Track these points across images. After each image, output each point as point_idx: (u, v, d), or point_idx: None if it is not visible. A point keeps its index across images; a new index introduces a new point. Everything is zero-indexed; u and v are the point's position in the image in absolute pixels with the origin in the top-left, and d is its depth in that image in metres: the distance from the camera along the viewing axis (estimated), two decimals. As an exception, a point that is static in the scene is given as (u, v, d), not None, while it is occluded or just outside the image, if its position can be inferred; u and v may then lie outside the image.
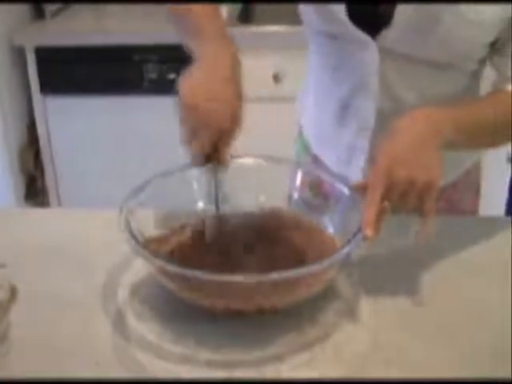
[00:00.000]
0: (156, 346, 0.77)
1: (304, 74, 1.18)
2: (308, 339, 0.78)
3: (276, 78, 2.07)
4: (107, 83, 2.16)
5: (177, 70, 2.06)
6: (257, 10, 2.37)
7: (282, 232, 0.91)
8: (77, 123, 2.22)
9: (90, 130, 2.23)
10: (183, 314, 0.81)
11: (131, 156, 2.22)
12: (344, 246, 0.78)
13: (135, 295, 0.86)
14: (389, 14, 0.92)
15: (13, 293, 0.75)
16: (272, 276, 0.72)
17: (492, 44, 0.94)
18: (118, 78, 2.15)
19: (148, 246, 0.81)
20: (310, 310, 0.81)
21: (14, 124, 2.21)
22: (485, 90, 1.00)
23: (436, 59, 0.95)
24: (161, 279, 0.80)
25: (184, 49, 0.92)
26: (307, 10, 1.02)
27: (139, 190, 0.88)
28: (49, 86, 2.17)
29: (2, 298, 0.75)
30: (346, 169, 1.09)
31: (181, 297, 0.80)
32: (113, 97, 2.17)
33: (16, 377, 0.72)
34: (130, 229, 0.80)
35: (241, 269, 0.82)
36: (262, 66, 2.03)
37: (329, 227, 0.91)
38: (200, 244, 0.89)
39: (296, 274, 0.74)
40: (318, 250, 0.86)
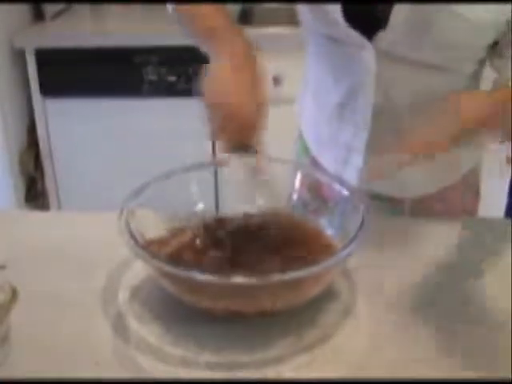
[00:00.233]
0: (156, 348, 0.77)
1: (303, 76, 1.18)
2: (308, 341, 0.78)
3: (276, 81, 2.07)
4: (107, 85, 2.16)
5: (177, 72, 2.11)
6: (256, 12, 2.37)
7: (282, 234, 0.91)
8: (77, 125, 2.22)
9: (90, 132, 2.23)
10: (183, 316, 0.81)
11: (131, 158, 2.22)
12: (343, 248, 0.78)
13: (135, 297, 0.86)
14: (385, 16, 0.92)
15: (13, 294, 0.75)
16: (272, 278, 0.72)
17: (491, 46, 0.94)
18: (118, 80, 2.15)
19: (148, 248, 0.81)
20: (310, 312, 0.81)
21: (14, 126, 2.21)
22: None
23: (433, 61, 0.95)
24: (161, 281, 0.81)
25: (184, 50, 0.93)
26: (304, 10, 1.02)
27: (139, 192, 0.88)
28: (49, 88, 2.18)
29: (3, 300, 0.75)
30: (343, 169, 1.09)
31: (181, 299, 0.80)
32: (113, 99, 2.18)
33: (16, 377, 0.73)
34: (130, 230, 0.80)
35: (241, 271, 0.82)
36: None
37: (328, 229, 0.91)
38: (200, 246, 0.89)
39: (296, 276, 0.74)
40: (318, 252, 0.86)
